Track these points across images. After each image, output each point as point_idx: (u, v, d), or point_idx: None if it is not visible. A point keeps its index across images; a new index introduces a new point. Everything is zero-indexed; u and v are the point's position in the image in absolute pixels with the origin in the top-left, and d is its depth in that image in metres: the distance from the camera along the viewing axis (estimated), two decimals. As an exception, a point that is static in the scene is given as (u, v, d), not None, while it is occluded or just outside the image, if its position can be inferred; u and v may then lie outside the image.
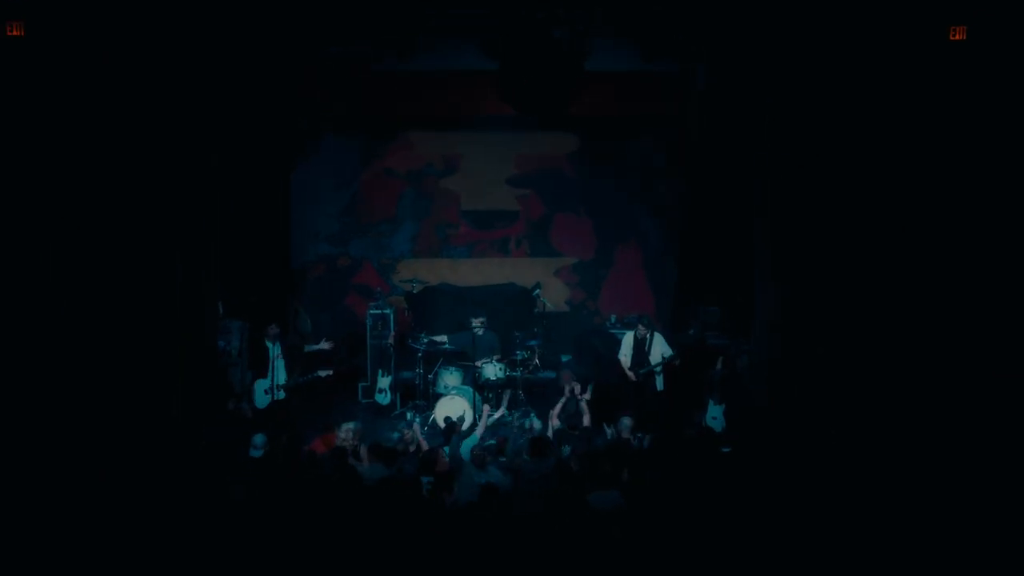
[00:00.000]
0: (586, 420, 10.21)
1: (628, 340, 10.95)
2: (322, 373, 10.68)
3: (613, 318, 13.44)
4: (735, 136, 10.90)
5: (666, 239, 13.97)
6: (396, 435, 9.69)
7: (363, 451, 9.06)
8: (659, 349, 10.84)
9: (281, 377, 10.39)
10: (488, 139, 13.72)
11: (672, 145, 13.29)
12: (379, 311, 12.46)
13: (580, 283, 14.27)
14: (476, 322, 11.53)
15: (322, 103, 11.83)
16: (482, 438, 9.67)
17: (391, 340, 12.19)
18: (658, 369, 10.80)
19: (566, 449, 9.12)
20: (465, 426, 10.27)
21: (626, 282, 14.23)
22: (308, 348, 10.81)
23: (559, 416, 10.20)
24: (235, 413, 9.94)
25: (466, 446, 9.29)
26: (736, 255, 11.56)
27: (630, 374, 10.83)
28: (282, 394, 10.38)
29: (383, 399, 11.99)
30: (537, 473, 8.29)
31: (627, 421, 9.64)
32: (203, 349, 9.52)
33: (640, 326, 10.87)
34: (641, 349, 10.82)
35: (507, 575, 6.61)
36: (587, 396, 10.59)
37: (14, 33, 8.23)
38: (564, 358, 12.94)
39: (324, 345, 10.85)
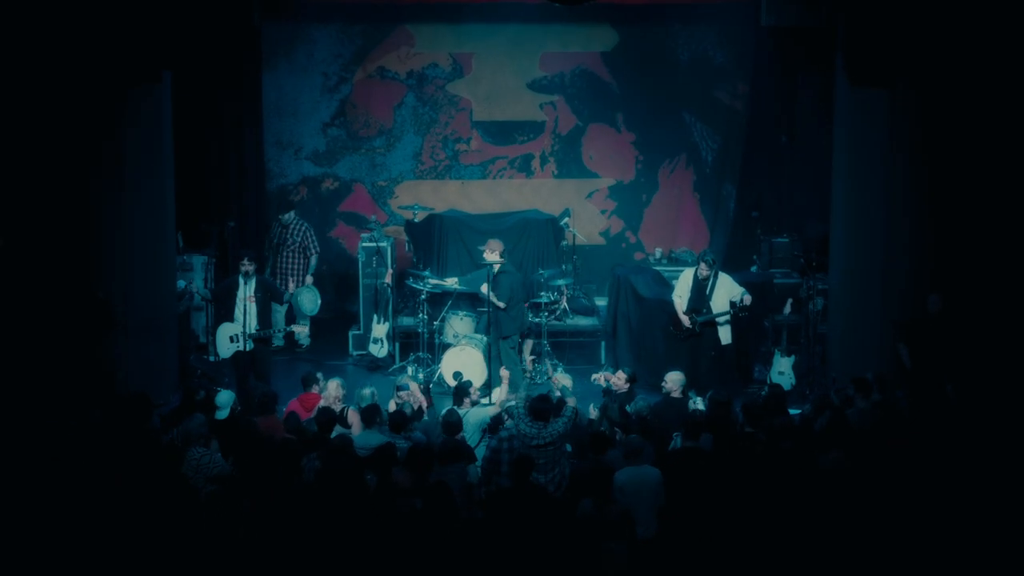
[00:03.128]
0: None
1: (686, 278, 10.64)
2: (295, 329, 10.23)
3: (658, 252, 13.04)
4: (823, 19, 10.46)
5: (724, 156, 13.51)
6: (367, 390, 9.06)
7: (351, 415, 8.74)
8: (724, 293, 10.42)
9: (253, 324, 10.03)
10: (507, 33, 13.37)
11: (736, 37, 13.03)
12: (373, 244, 12.23)
13: (618, 210, 14.08)
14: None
15: None
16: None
17: (388, 279, 11.93)
18: (723, 320, 10.37)
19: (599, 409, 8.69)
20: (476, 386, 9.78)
21: (674, 209, 14.07)
22: (286, 328, 10.58)
23: None
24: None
25: (474, 422, 8.71)
26: (812, 176, 11.14)
27: (685, 319, 10.42)
28: (251, 344, 10.08)
29: (379, 351, 11.75)
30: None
31: (677, 376, 9.13)
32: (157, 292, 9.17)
33: (702, 264, 10.50)
34: (701, 292, 10.45)
35: None
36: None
37: None
38: (599, 301, 12.50)
39: (297, 329, 10.51)
